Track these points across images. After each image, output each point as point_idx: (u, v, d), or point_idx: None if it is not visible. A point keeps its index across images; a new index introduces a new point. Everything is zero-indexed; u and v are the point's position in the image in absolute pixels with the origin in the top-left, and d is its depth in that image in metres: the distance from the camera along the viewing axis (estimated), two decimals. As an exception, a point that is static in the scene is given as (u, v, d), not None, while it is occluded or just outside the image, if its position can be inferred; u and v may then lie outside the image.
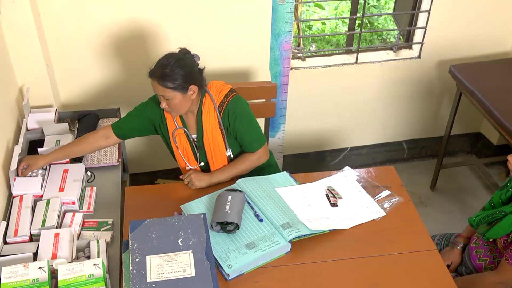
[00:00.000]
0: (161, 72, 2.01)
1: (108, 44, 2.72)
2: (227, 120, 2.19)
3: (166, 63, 2.02)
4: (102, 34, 2.69)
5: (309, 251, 1.95)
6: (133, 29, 2.71)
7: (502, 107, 2.70)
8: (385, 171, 2.36)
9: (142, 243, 1.75)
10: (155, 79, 2.02)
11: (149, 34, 2.74)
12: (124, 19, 2.67)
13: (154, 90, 2.06)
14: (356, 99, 3.29)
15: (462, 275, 2.18)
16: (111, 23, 2.66)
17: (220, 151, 2.24)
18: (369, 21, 4.84)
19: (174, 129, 2.22)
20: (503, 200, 2.05)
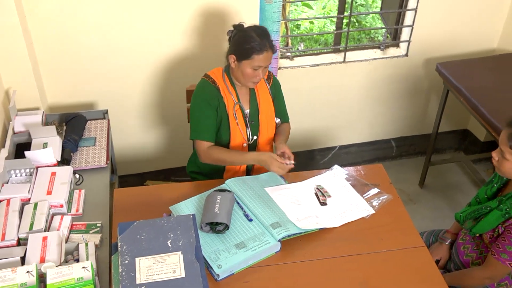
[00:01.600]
0: (271, 42, 2.14)
1: (96, 45, 2.71)
2: (274, 90, 2.37)
3: (267, 32, 2.14)
4: (90, 36, 2.67)
5: (299, 250, 1.95)
6: (122, 30, 2.70)
7: (489, 104, 2.72)
8: (373, 169, 2.37)
9: (131, 245, 1.75)
10: (269, 49, 2.13)
11: (137, 35, 2.73)
12: (113, 20, 2.66)
13: (260, 63, 2.12)
14: (344, 98, 3.30)
15: (451, 271, 2.20)
16: (99, 24, 2.65)
17: (271, 122, 2.35)
18: (357, 20, 4.86)
19: (234, 104, 2.27)
20: (488, 196, 2.07)
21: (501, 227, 1.92)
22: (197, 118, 2.25)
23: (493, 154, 1.92)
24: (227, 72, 2.28)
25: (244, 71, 2.17)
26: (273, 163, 2.14)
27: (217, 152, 2.24)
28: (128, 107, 2.97)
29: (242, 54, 2.14)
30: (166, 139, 3.18)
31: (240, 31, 2.17)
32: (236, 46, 2.16)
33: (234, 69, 2.21)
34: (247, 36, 2.13)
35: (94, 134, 2.51)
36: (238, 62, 2.17)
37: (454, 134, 3.72)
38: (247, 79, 2.19)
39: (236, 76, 2.23)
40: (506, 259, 1.89)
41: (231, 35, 2.21)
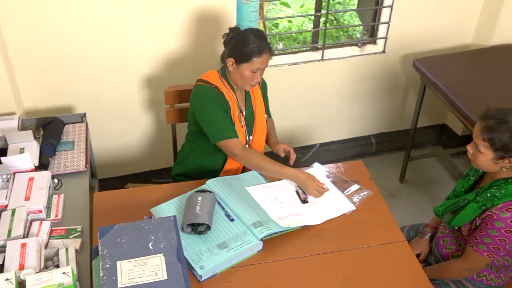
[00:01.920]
0: (269, 45, 2.16)
1: (72, 48, 2.68)
2: (263, 90, 2.43)
3: (264, 35, 2.17)
4: (65, 39, 2.64)
5: (281, 248, 1.96)
6: (97, 33, 2.67)
7: (465, 99, 2.76)
8: (353, 165, 2.39)
9: (112, 248, 1.73)
10: (268, 52, 2.15)
11: (116, 37, 2.71)
12: (88, 23, 2.63)
13: (259, 65, 2.14)
14: (323, 95, 3.32)
15: (431, 264, 2.23)
16: (75, 28, 2.62)
17: (264, 122, 2.39)
18: (335, 18, 4.89)
19: (237, 107, 2.28)
20: (465, 189, 2.10)
21: (478, 219, 1.95)
22: (214, 120, 2.21)
23: (468, 147, 1.95)
24: (223, 75, 2.27)
25: (243, 74, 2.16)
26: (312, 184, 2.12)
27: (257, 156, 2.19)
28: (106, 110, 2.94)
29: (241, 57, 2.14)
30: (146, 141, 3.16)
31: (238, 34, 2.17)
32: (234, 49, 2.16)
33: (232, 72, 2.20)
34: (246, 39, 2.12)
35: (72, 138, 2.48)
36: (237, 65, 2.16)
37: (433, 129, 3.76)
38: (246, 82, 2.19)
39: (234, 79, 2.22)
40: (484, 250, 1.92)
41: (227, 38, 2.20)
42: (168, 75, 2.91)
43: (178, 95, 2.53)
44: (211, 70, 2.30)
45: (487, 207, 1.91)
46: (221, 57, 2.26)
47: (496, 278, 2.05)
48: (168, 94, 2.53)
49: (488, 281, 2.06)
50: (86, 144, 2.45)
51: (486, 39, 3.28)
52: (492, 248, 1.90)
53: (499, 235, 1.87)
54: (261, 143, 2.41)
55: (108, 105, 2.93)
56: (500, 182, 1.90)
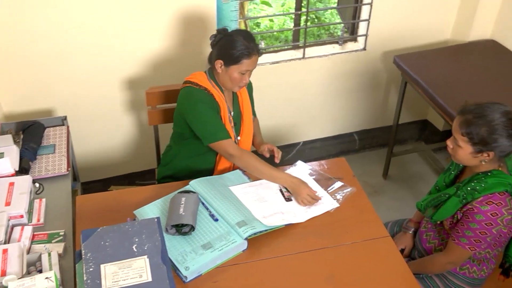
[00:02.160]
0: (257, 46, 2.16)
1: (51, 51, 2.65)
2: (249, 91, 2.43)
3: (252, 36, 2.17)
4: (44, 41, 2.62)
5: (266, 247, 1.96)
6: (77, 35, 2.65)
7: (445, 94, 2.79)
8: (336, 162, 2.40)
9: (96, 252, 1.72)
10: (257, 53, 2.16)
11: (94, 38, 2.69)
12: (67, 25, 2.61)
13: (248, 67, 2.15)
14: (305, 94, 3.33)
15: (415, 259, 2.25)
16: (53, 30, 2.60)
17: (251, 122, 2.40)
18: (316, 16, 4.91)
19: (227, 107, 2.28)
20: (446, 183, 2.13)
21: (459, 213, 1.97)
22: (206, 122, 2.20)
23: (448, 142, 1.97)
24: (211, 77, 2.26)
25: (232, 75, 2.16)
26: (304, 190, 2.12)
27: (253, 158, 2.19)
28: (88, 112, 2.92)
29: (230, 59, 2.13)
30: (129, 143, 3.14)
31: (226, 36, 2.16)
32: (223, 51, 2.15)
33: (221, 74, 2.20)
34: (234, 41, 2.12)
35: (53, 142, 2.46)
36: (226, 67, 2.16)
37: (414, 125, 3.79)
38: (234, 83, 2.19)
39: (223, 81, 2.22)
40: (465, 243, 1.94)
41: (214, 39, 2.19)
42: (149, 76, 2.89)
43: (159, 96, 2.52)
44: (198, 72, 2.28)
45: (468, 201, 1.93)
46: (209, 59, 2.25)
47: (478, 270, 2.08)
48: (149, 95, 2.51)
49: (471, 274, 2.08)
50: (68, 147, 2.43)
51: (464, 35, 3.32)
52: (474, 241, 1.92)
53: (480, 228, 1.90)
54: (248, 144, 2.42)
55: (90, 107, 2.91)
56: (480, 175, 1.93)
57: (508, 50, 3.19)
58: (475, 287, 2.14)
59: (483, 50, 3.24)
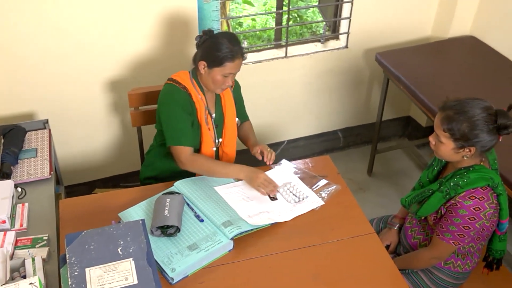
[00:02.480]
0: (242, 49, 2.15)
1: (31, 54, 2.62)
2: (236, 93, 2.40)
3: (238, 39, 2.16)
4: (22, 43, 2.58)
5: (252, 246, 1.96)
6: (57, 37, 2.62)
7: (427, 90, 2.82)
8: (321, 160, 2.41)
9: (80, 255, 1.70)
10: (241, 56, 2.15)
11: (74, 41, 2.66)
12: (48, 27, 2.58)
13: (231, 70, 2.14)
14: (288, 92, 3.33)
15: (401, 254, 2.26)
16: (32, 32, 2.56)
17: (234, 124, 2.38)
18: (298, 14, 4.92)
19: (205, 108, 2.25)
20: (430, 179, 2.14)
21: (443, 208, 1.99)
22: (174, 123, 2.20)
23: (430, 138, 1.99)
24: (194, 77, 2.25)
25: (214, 78, 2.15)
26: (259, 175, 2.13)
27: (202, 161, 2.20)
28: (70, 115, 2.89)
29: (214, 61, 2.12)
30: (113, 145, 3.12)
31: (211, 38, 2.15)
32: (207, 52, 2.14)
33: (204, 75, 2.19)
34: (219, 43, 2.11)
35: (35, 145, 2.43)
36: (209, 69, 2.15)
37: (398, 122, 3.82)
38: (217, 85, 2.18)
39: (206, 82, 2.21)
40: (449, 238, 1.96)
41: (199, 40, 2.18)
42: (132, 78, 2.87)
43: (142, 97, 2.51)
44: (183, 71, 2.28)
45: (451, 196, 1.95)
46: (193, 59, 2.24)
47: (463, 264, 2.10)
48: (132, 97, 2.50)
49: (456, 268, 2.11)
50: (50, 151, 2.41)
51: (444, 31, 3.35)
52: (458, 235, 1.94)
53: (464, 223, 1.92)
54: (232, 146, 2.40)
55: (72, 110, 2.88)
56: (462, 171, 1.95)
57: (487, 45, 3.23)
58: (460, 281, 2.16)
59: (463, 46, 3.28)
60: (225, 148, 2.38)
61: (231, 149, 2.41)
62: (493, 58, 3.13)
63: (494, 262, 2.15)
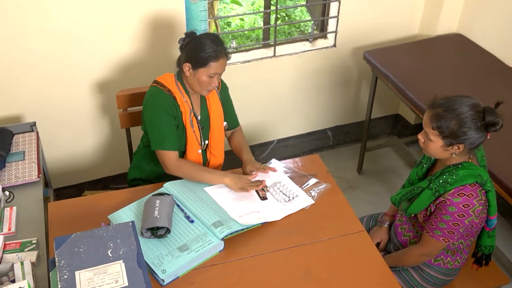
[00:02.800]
0: (225, 49, 2.14)
1: (16, 56, 2.60)
2: (223, 95, 2.37)
3: (221, 39, 2.16)
4: (8, 46, 2.56)
5: (243, 246, 1.96)
6: (43, 39, 2.60)
7: (415, 88, 2.83)
8: (310, 159, 2.41)
9: (70, 258, 1.69)
10: (225, 56, 2.14)
11: (60, 43, 2.64)
12: (33, 29, 2.56)
13: (216, 70, 2.12)
14: (277, 92, 3.33)
15: (391, 252, 2.27)
16: (17, 33, 2.54)
17: (221, 127, 2.36)
18: (287, 14, 4.92)
19: (191, 111, 2.24)
20: (419, 176, 2.16)
21: (432, 206, 2.00)
22: (158, 127, 2.19)
23: (419, 136, 2.00)
24: (179, 79, 2.24)
25: (200, 79, 2.14)
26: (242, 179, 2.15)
27: (187, 167, 2.20)
28: (58, 117, 2.87)
29: (198, 62, 2.11)
30: (102, 147, 3.10)
31: (194, 39, 2.14)
32: (191, 54, 2.13)
33: (189, 77, 2.17)
34: (202, 44, 2.10)
35: (23, 148, 2.41)
36: (194, 70, 2.14)
37: (386, 119, 3.84)
38: (203, 87, 2.17)
39: (191, 84, 2.20)
40: (439, 235, 1.97)
41: (183, 43, 2.17)
42: (120, 79, 2.86)
43: (130, 99, 2.50)
44: (168, 73, 2.27)
45: (441, 193, 1.96)
46: (177, 62, 2.23)
47: (452, 261, 2.12)
48: (120, 98, 2.49)
49: (445, 264, 2.12)
50: (38, 154, 2.39)
51: (431, 29, 3.37)
52: (447, 232, 1.96)
53: (453, 220, 1.93)
54: (219, 148, 2.39)
55: (60, 112, 2.86)
56: (451, 168, 1.96)
57: (473, 43, 3.26)
58: (450, 277, 2.18)
59: (450, 44, 3.30)
60: (213, 150, 2.37)
61: (219, 151, 2.40)
62: (479, 56, 3.15)
63: (483, 258, 2.17)
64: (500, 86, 2.88)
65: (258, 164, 2.26)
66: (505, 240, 3.06)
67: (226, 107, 2.40)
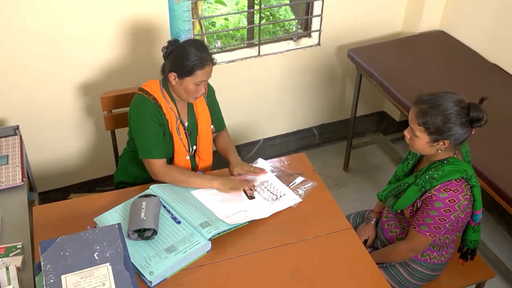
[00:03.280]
0: (211, 55, 2.12)
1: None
2: (209, 99, 2.36)
3: (205, 46, 2.14)
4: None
5: (230, 246, 1.96)
6: (25, 41, 2.57)
7: (399, 85, 2.85)
8: (297, 158, 2.42)
9: (56, 262, 1.68)
10: (210, 63, 2.12)
11: (42, 45, 2.62)
12: (14, 31, 2.53)
13: (202, 78, 2.11)
14: (263, 91, 3.33)
15: (378, 248, 2.28)
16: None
17: (209, 131, 2.34)
18: (271, 13, 4.93)
19: (177, 119, 2.22)
20: (405, 172, 2.17)
21: (419, 201, 2.01)
22: (144, 136, 2.17)
23: (405, 132, 2.01)
24: (165, 87, 2.21)
25: (187, 87, 2.12)
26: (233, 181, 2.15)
27: (175, 173, 2.18)
28: (42, 120, 2.84)
29: (184, 71, 2.09)
30: (87, 149, 3.08)
31: (178, 47, 2.11)
32: (175, 63, 2.10)
33: (176, 86, 2.15)
34: (187, 53, 2.07)
35: (6, 152, 2.38)
36: (180, 79, 2.11)
37: (372, 117, 3.86)
38: (190, 95, 2.15)
39: (178, 93, 2.17)
40: (426, 230, 1.99)
41: (166, 51, 2.15)
42: (105, 81, 2.84)
43: (115, 100, 2.48)
44: (153, 80, 2.24)
45: (427, 189, 1.97)
46: (162, 70, 2.20)
47: (439, 256, 2.13)
48: (104, 100, 2.47)
49: (432, 260, 2.13)
50: (22, 157, 2.36)
51: (414, 26, 3.40)
52: (434, 228, 1.97)
53: (439, 215, 1.94)
54: (208, 152, 2.38)
55: (43, 115, 2.83)
56: (437, 163, 1.97)
57: (456, 40, 3.28)
58: (437, 272, 2.19)
59: (433, 40, 3.32)
60: (201, 155, 2.36)
61: (207, 155, 2.38)
62: (462, 52, 3.18)
63: (468, 253, 2.19)
64: (482, 82, 2.91)
65: (248, 166, 2.25)
66: (490, 234, 3.10)
67: (213, 111, 2.38)
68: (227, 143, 2.44)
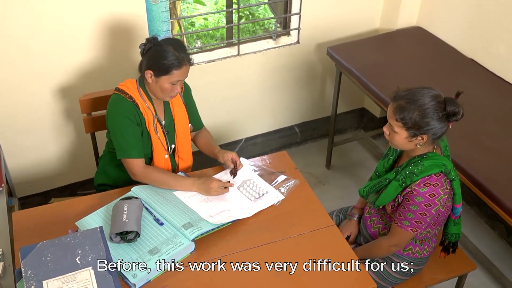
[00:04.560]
0: (188, 55, 2.12)
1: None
2: (186, 97, 2.35)
3: (183, 45, 2.14)
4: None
5: (214, 246, 1.95)
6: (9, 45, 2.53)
7: (378, 82, 2.87)
8: (278, 156, 2.42)
9: (37, 268, 1.66)
10: (187, 63, 2.11)
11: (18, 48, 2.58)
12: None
13: (179, 77, 2.10)
14: (243, 90, 3.33)
15: (361, 244, 2.30)
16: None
17: (187, 129, 2.33)
18: (250, 12, 4.92)
19: (154, 117, 2.21)
20: (386, 168, 2.19)
21: (400, 197, 2.03)
22: (122, 136, 2.15)
23: (384, 129, 2.02)
24: (141, 85, 2.20)
25: (162, 86, 2.11)
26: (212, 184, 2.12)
27: (155, 174, 2.17)
28: (20, 124, 2.80)
29: (160, 70, 2.08)
30: (67, 152, 3.04)
31: (156, 46, 2.10)
32: (153, 61, 2.09)
33: (151, 84, 2.14)
34: (164, 51, 2.06)
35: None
36: (156, 77, 2.10)
37: (352, 114, 3.88)
38: (165, 93, 2.14)
39: (154, 91, 2.16)
40: (408, 225, 2.01)
41: (144, 48, 2.13)
42: (83, 83, 2.81)
43: (93, 103, 2.46)
44: (130, 79, 2.23)
45: (407, 184, 1.99)
46: (139, 67, 2.19)
47: (421, 250, 2.16)
48: (83, 102, 2.44)
49: (414, 254, 2.16)
50: (0, 162, 2.33)
51: (392, 23, 3.42)
52: (415, 222, 1.99)
53: (420, 210, 1.96)
54: (187, 151, 2.37)
55: (22, 118, 2.79)
56: (417, 159, 1.99)
57: (433, 35, 3.32)
58: (420, 266, 2.22)
59: (411, 37, 3.36)
60: (181, 154, 2.35)
61: (187, 154, 2.37)
62: (439, 48, 3.22)
63: (450, 246, 2.22)
64: (460, 76, 2.95)
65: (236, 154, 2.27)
66: (470, 227, 3.14)
67: (190, 109, 2.37)
68: (209, 139, 2.44)
